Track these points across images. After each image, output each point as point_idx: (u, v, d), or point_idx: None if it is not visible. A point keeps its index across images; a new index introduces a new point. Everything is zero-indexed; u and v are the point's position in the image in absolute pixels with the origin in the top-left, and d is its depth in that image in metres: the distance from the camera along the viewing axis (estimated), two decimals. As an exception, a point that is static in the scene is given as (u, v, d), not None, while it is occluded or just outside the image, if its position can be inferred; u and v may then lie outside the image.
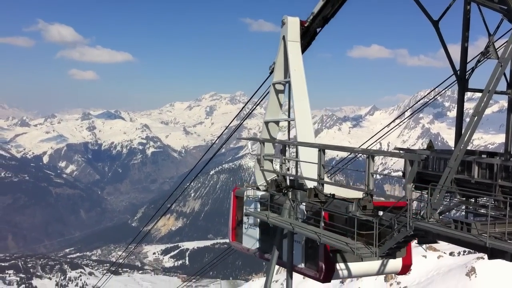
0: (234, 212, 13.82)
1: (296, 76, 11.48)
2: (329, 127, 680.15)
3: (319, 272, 11.24)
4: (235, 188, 14.14)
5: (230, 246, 16.26)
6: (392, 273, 11.86)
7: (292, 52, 11.65)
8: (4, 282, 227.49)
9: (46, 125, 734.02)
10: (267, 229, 12.47)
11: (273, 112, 13.01)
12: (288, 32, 11.86)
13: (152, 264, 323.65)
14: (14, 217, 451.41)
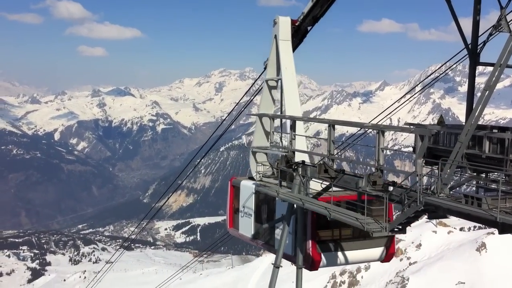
0: (231, 201, 14.26)
1: (287, 74, 11.92)
2: (339, 103, 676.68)
3: (306, 261, 11.67)
4: (232, 178, 14.46)
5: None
6: (376, 261, 12.41)
7: (283, 51, 12.05)
8: (18, 258, 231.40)
9: (57, 102, 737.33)
10: (260, 218, 12.80)
11: (267, 107, 13.41)
12: (280, 31, 12.21)
13: (164, 239, 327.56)
14: (27, 193, 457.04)
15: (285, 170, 13.80)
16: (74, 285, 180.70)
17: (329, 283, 50.53)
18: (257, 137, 14.08)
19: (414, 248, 45.81)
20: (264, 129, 13.44)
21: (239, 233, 14.43)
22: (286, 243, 12.08)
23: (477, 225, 48.91)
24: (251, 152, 14.18)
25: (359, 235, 12.31)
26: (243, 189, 13.76)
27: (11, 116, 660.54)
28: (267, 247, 13.43)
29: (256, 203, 13.18)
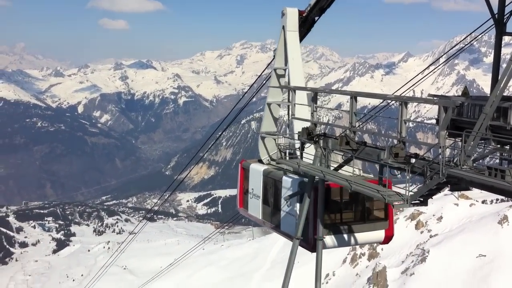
0: (242, 182, 14.52)
1: (293, 65, 12.32)
2: (361, 75, 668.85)
3: (309, 243, 12.09)
4: (242, 161, 14.74)
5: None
6: (376, 243, 12.73)
7: (291, 42, 12.36)
8: (44, 228, 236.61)
9: (80, 75, 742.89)
10: (267, 200, 13.12)
11: (275, 95, 13.86)
12: (287, 22, 12.48)
13: (186, 211, 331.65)
14: (52, 166, 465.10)
15: (306, 142, 13.82)
16: (98, 255, 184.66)
17: (349, 255, 50.82)
18: (266, 123, 14.35)
19: (435, 221, 45.68)
20: (272, 116, 13.85)
21: (248, 213, 14.74)
22: (291, 226, 12.38)
23: (499, 197, 48.45)
24: (260, 137, 14.42)
25: (360, 219, 12.57)
26: (252, 171, 14.00)
27: (35, 89, 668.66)
28: (273, 228, 13.66)
29: (264, 185, 13.42)
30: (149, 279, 43.79)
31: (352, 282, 44.74)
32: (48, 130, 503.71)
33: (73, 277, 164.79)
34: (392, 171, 11.17)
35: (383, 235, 12.78)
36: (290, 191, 12.19)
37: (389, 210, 12.86)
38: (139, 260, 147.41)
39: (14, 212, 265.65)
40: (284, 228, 13.09)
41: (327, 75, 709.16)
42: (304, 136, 13.75)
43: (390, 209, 12.74)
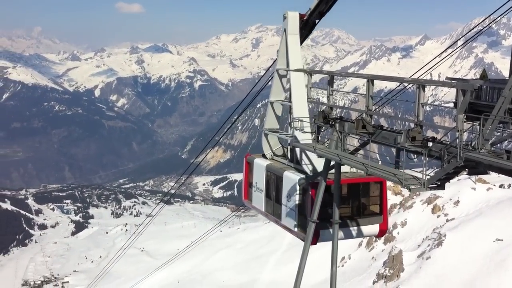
0: (246, 175, 15.03)
1: (294, 66, 12.68)
2: (378, 58, 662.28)
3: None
4: (247, 155, 15.30)
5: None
6: (370, 236, 12.69)
7: (292, 44, 12.83)
8: (63, 211, 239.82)
9: (96, 59, 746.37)
10: (269, 194, 13.54)
11: (277, 94, 14.16)
12: (288, 25, 12.94)
13: (202, 194, 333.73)
14: (70, 149, 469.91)
15: (322, 126, 13.80)
16: (116, 237, 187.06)
17: (365, 238, 50.82)
18: (269, 120, 14.67)
19: (452, 205, 45.35)
20: (275, 113, 14.19)
21: (252, 205, 15.09)
22: (291, 221, 12.67)
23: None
24: (263, 134, 14.83)
25: (356, 214, 12.88)
26: (256, 166, 14.40)
27: (53, 73, 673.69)
28: (275, 221, 13.91)
29: (267, 180, 13.72)
30: (166, 261, 44.30)
31: (367, 266, 44.80)
32: (65, 113, 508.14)
33: (92, 259, 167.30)
34: (409, 155, 11.14)
35: (378, 229, 13.12)
36: (291, 187, 12.42)
37: (384, 205, 13.10)
38: (156, 242, 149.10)
39: (33, 194, 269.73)
40: (284, 222, 13.35)
41: (343, 58, 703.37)
42: (320, 120, 13.73)
43: (384, 204, 13.02)
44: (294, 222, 12.62)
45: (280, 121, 14.46)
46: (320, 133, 14.13)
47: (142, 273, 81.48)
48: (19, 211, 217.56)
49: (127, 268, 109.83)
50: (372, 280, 39.88)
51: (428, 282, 32.77)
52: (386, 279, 38.01)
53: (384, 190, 12.56)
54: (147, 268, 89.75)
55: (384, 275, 38.53)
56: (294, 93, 12.97)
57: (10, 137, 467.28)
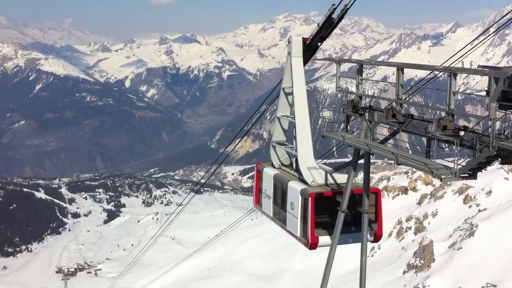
0: (257, 182, 16.07)
1: (297, 86, 13.80)
2: (408, 46, 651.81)
3: (307, 242, 13.21)
4: (258, 164, 16.33)
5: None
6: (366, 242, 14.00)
7: (295, 66, 13.87)
8: (95, 200, 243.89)
9: (126, 50, 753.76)
10: (276, 201, 14.55)
11: (284, 110, 15.20)
12: (292, 49, 13.89)
13: (231, 184, 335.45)
14: (101, 139, 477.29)
15: (351, 115, 13.77)
16: (147, 225, 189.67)
17: (395, 228, 50.44)
18: (276, 133, 15.63)
19: (484, 195, 44.64)
20: (282, 127, 15.30)
21: (262, 209, 16.06)
22: (294, 227, 13.55)
23: (554, 172, 46.90)
24: (271, 146, 15.82)
25: (352, 222, 13.64)
26: (265, 175, 15.42)
27: (84, 64, 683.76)
28: (281, 225, 14.70)
29: (274, 188, 14.71)
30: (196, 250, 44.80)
31: (398, 256, 44.51)
32: (97, 104, 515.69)
33: (124, 247, 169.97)
34: (440, 144, 11.03)
35: (374, 235, 13.90)
36: (294, 196, 13.38)
37: (379, 213, 13.73)
38: (186, 231, 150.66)
39: (66, 183, 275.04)
40: (288, 227, 14.10)
41: (372, 47, 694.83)
42: (349, 109, 13.69)
43: (379, 212, 13.67)
44: (297, 228, 13.39)
45: (286, 134, 15.42)
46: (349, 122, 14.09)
47: (173, 261, 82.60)
48: (53, 200, 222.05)
49: (158, 256, 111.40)
50: (403, 270, 39.67)
51: (459, 273, 32.45)
52: (417, 269, 37.76)
53: (379, 199, 13.48)
54: (178, 256, 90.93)
55: (415, 265, 38.27)
56: (297, 110, 13.90)
57: (43, 127, 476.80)
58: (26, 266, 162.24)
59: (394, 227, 50.78)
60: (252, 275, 60.74)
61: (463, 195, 47.12)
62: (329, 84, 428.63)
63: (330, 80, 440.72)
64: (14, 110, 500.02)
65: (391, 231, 50.45)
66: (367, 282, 15.62)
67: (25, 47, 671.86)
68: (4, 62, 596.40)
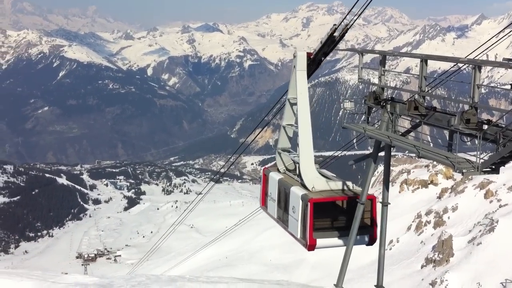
0: (264, 185, 16.89)
1: (301, 99, 14.52)
2: (432, 38, 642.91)
3: (306, 244, 13.92)
4: (264, 168, 17.24)
5: (325, 160, 20.64)
6: (361, 245, 14.69)
7: (300, 79, 14.60)
8: (116, 187, 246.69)
9: (149, 38, 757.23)
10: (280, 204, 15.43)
11: (289, 119, 16.00)
12: (297, 63, 14.61)
13: (250, 174, 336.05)
14: (123, 126, 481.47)
15: (373, 106, 13.68)
16: (167, 213, 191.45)
17: (414, 222, 50.07)
18: (281, 140, 16.44)
19: (506, 190, 44.01)
20: (287, 135, 16.19)
21: (267, 211, 16.79)
22: (295, 229, 14.35)
23: None
24: (277, 152, 16.64)
25: (349, 226, 14.17)
26: (271, 179, 16.24)
27: (107, 51, 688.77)
28: (283, 227, 15.40)
29: (278, 192, 15.54)
30: (214, 238, 45.08)
31: (416, 250, 44.22)
32: (119, 92, 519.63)
33: (143, 234, 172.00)
34: (463, 138, 10.91)
35: (368, 238, 14.53)
36: (295, 200, 14.19)
37: (374, 218, 14.26)
38: (205, 220, 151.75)
39: (88, 170, 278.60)
40: (290, 229, 14.77)
41: (396, 38, 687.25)
42: (371, 101, 13.61)
43: (374, 217, 14.20)
44: (297, 230, 14.10)
45: (291, 141, 16.29)
46: (370, 114, 14.00)
47: (191, 249, 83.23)
48: (75, 186, 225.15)
49: (177, 244, 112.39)
50: (421, 264, 39.43)
51: (478, 268, 32.17)
52: (435, 263, 37.50)
53: (374, 205, 14.05)
54: (196, 244, 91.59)
55: (433, 259, 38.01)
56: (300, 121, 14.58)
57: (66, 114, 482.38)
58: (47, 250, 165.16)
59: (413, 221, 50.42)
60: (270, 265, 60.92)
61: (484, 190, 46.56)
62: (350, 75, 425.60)
63: (351, 71, 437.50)
64: (38, 96, 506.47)
65: (410, 224, 50.11)
66: (384, 275, 15.60)
67: (49, 33, 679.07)
68: (29, 49, 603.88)
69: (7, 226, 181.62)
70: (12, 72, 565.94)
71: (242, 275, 62.64)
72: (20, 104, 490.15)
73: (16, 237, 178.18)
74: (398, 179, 65.75)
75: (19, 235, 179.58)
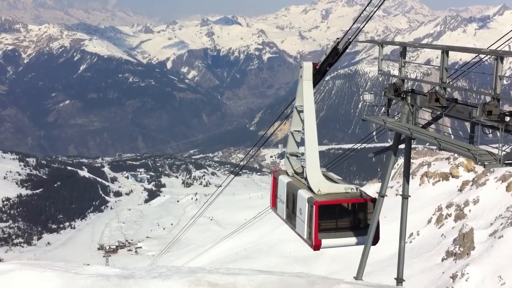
0: (274, 187, 17.58)
1: (307, 107, 15.21)
2: (453, 29, 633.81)
3: (312, 244, 14.49)
4: (275, 171, 17.97)
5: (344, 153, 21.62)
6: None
7: (306, 88, 15.28)
8: (136, 179, 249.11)
9: (168, 32, 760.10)
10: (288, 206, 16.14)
11: (296, 125, 16.58)
12: (303, 73, 15.25)
13: (270, 166, 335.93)
14: (143, 119, 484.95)
15: (393, 98, 13.61)
16: (187, 206, 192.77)
17: (435, 215, 49.69)
18: (290, 145, 17.01)
19: (530, 183, 43.52)
20: (295, 141, 16.80)
21: (277, 212, 17.44)
22: (301, 229, 14.97)
23: None
24: (286, 157, 17.27)
25: (352, 227, 14.84)
26: (280, 182, 16.90)
27: (127, 45, 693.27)
28: (291, 228, 16.04)
29: (287, 194, 16.22)
30: (234, 230, 45.32)
31: (437, 243, 43.91)
32: (139, 85, 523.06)
33: (164, 226, 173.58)
34: (484, 130, 10.80)
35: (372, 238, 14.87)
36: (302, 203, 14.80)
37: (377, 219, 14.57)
38: (225, 212, 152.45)
39: (109, 163, 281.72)
40: (297, 230, 15.34)
41: (416, 29, 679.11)
42: (391, 93, 13.54)
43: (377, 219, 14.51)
44: (304, 231, 14.71)
45: (299, 146, 16.89)
46: (390, 106, 13.93)
47: (211, 241, 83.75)
48: (96, 178, 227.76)
49: (197, 236, 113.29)
50: (441, 257, 39.16)
51: (500, 262, 31.84)
52: (456, 256, 37.22)
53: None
54: (216, 236, 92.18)
55: (454, 252, 37.73)
56: (306, 128, 15.17)
57: (87, 107, 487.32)
58: (69, 242, 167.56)
59: (433, 214, 50.04)
60: (289, 257, 61.08)
61: (506, 183, 46.01)
62: (370, 67, 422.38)
63: (371, 63, 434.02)
64: (59, 90, 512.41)
65: (431, 217, 49.75)
66: (404, 268, 15.57)
67: (70, 27, 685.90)
68: (50, 43, 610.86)
69: (30, 218, 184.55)
70: (34, 66, 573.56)
71: (261, 267, 62.90)
72: (42, 98, 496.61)
73: (39, 229, 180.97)
74: (419, 172, 65.24)
75: (42, 227, 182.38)
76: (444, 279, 34.67)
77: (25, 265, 12.78)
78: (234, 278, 13.21)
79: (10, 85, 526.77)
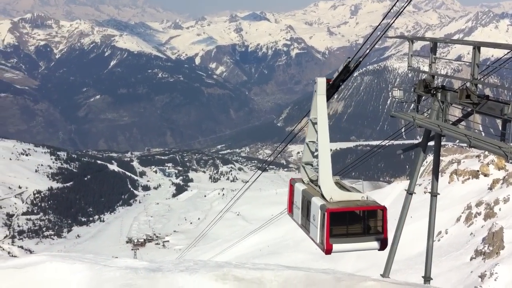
0: (290, 194, 18.12)
1: (321, 119, 15.61)
2: (484, 25, 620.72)
3: (324, 248, 14.87)
4: (291, 179, 18.37)
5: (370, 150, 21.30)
6: (373, 249, 15.45)
7: (320, 103, 15.68)
8: (164, 174, 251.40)
9: (197, 28, 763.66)
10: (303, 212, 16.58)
11: (311, 136, 17.03)
12: (318, 88, 15.53)
13: (296, 162, 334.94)
14: (172, 115, 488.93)
15: (423, 95, 13.50)
16: (214, 200, 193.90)
17: (464, 213, 48.98)
18: (305, 155, 17.36)
19: None
20: (310, 150, 17.21)
21: (293, 218, 17.90)
22: (315, 234, 15.42)
23: None
24: (301, 166, 17.73)
25: (362, 233, 15.12)
26: (296, 189, 17.46)
27: (156, 41, 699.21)
28: (306, 233, 16.37)
29: (302, 201, 16.72)
30: (260, 226, 45.43)
31: (465, 241, 43.30)
32: (168, 80, 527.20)
33: (191, 220, 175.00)
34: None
35: (380, 244, 15.24)
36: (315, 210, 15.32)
37: (385, 226, 14.92)
38: (251, 208, 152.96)
39: (138, 157, 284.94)
40: (311, 235, 15.71)
41: (447, 25, 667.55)
42: (421, 89, 13.42)
43: (385, 225, 14.88)
44: (317, 236, 15.17)
45: (314, 156, 17.37)
46: (420, 102, 13.82)
47: (237, 236, 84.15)
48: (125, 172, 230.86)
49: (223, 231, 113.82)
50: (470, 256, 38.63)
51: (531, 262, 31.28)
52: (485, 256, 36.67)
53: (385, 215, 14.98)
54: (242, 231, 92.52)
55: (483, 251, 37.17)
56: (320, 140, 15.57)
57: (117, 102, 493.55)
58: (98, 235, 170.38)
59: (462, 212, 49.34)
60: (315, 254, 60.87)
61: (538, 182, 45.12)
62: (399, 63, 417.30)
63: (400, 59, 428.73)
64: (90, 85, 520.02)
65: (460, 216, 49.06)
66: (432, 266, 15.44)
67: (101, 23, 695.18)
68: (81, 38, 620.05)
69: (60, 211, 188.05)
70: (65, 62, 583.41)
71: (287, 263, 62.92)
72: (73, 93, 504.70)
73: (68, 221, 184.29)
74: (448, 170, 64.37)
75: (72, 219, 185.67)
76: (472, 278, 34.19)
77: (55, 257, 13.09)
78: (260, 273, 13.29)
79: (42, 80, 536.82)
